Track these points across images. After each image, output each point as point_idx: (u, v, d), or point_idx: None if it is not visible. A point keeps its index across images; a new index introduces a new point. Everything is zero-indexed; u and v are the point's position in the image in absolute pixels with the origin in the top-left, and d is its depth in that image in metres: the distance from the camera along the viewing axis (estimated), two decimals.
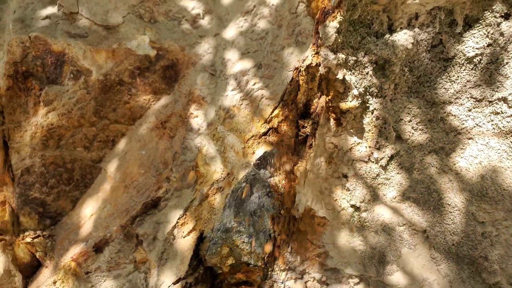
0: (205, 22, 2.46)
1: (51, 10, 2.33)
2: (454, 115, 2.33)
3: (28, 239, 2.25)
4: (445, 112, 2.33)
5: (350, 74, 2.22)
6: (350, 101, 2.27)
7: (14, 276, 2.27)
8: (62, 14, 2.30)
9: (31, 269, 2.33)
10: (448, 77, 2.32)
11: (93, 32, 2.32)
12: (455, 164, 2.32)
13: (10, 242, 2.27)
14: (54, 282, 2.14)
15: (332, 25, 2.06)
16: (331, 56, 2.12)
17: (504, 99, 2.22)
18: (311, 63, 2.18)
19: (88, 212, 2.31)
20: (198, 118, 2.30)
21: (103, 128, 2.39)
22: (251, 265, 2.27)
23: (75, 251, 2.18)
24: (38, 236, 2.28)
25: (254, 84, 2.19)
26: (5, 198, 2.32)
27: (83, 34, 2.31)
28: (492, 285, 2.27)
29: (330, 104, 2.34)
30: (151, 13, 2.41)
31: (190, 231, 2.17)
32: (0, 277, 2.23)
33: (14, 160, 2.31)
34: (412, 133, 2.37)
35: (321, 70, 2.17)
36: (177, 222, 2.18)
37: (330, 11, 2.09)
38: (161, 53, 2.37)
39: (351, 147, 2.41)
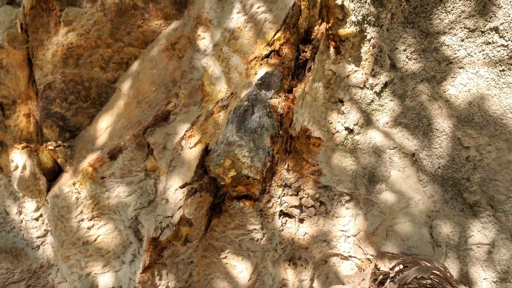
0: None
1: None
2: (447, 45, 2.45)
3: (51, 147, 2.49)
4: (438, 42, 2.46)
5: (349, 1, 2.35)
6: (348, 28, 2.41)
7: (38, 179, 2.54)
8: None
9: (53, 174, 2.59)
10: (444, 8, 2.42)
11: None
12: (445, 92, 2.47)
13: (35, 149, 2.52)
14: (74, 184, 2.40)
15: None
16: None
17: (496, 29, 2.34)
18: None
19: (104, 126, 2.53)
20: (205, 40, 2.48)
21: (118, 50, 2.58)
22: (250, 178, 2.49)
23: (92, 157, 2.42)
24: (59, 145, 2.53)
25: (258, 8, 2.34)
26: (30, 110, 2.55)
27: None
28: (472, 204, 2.46)
29: (330, 32, 2.48)
30: None
31: (196, 143, 2.39)
32: (27, 179, 2.50)
33: (37, 76, 2.53)
34: (406, 62, 2.51)
35: None
36: (184, 134, 2.39)
37: None
38: None
39: (348, 74, 2.57)
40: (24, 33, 2.47)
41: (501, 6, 2.30)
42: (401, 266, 2.35)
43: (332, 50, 2.53)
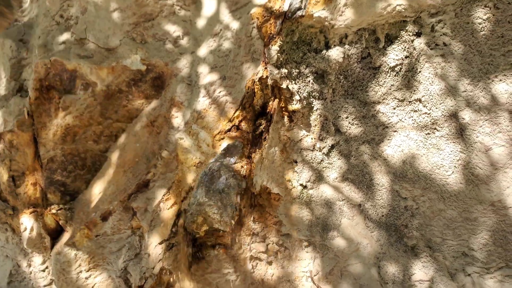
0: (184, 42, 3.12)
1: (66, 36, 3.03)
2: (382, 113, 2.89)
3: (54, 211, 3.00)
4: (375, 110, 2.90)
5: (294, 83, 2.83)
6: (295, 104, 2.88)
7: (44, 238, 3.04)
8: (74, 40, 3.01)
9: (56, 233, 3.09)
10: (377, 82, 2.88)
11: (97, 53, 3.02)
12: (383, 152, 2.90)
13: (41, 213, 3.03)
14: (73, 243, 2.89)
15: (274, 48, 2.68)
16: (275, 71, 2.74)
17: (419, 100, 2.78)
18: (263, 76, 2.80)
19: (97, 191, 3.03)
20: (177, 119, 2.98)
21: (108, 126, 3.10)
22: (221, 231, 2.95)
23: (87, 219, 2.91)
24: (61, 208, 3.03)
25: (220, 92, 2.83)
26: (36, 180, 3.07)
27: (90, 55, 3.00)
28: (411, 247, 2.86)
29: (282, 106, 2.96)
30: (141, 36, 3.08)
31: (172, 205, 2.86)
32: (34, 239, 3.00)
33: (42, 151, 3.05)
34: (349, 127, 2.96)
35: (269, 81, 2.80)
36: (162, 198, 2.87)
37: (274, 36, 2.70)
38: (150, 67, 3.04)
39: (301, 139, 3.03)
40: (30, 118, 3.00)
41: (421, 82, 2.76)
42: None
43: (286, 119, 3.00)
